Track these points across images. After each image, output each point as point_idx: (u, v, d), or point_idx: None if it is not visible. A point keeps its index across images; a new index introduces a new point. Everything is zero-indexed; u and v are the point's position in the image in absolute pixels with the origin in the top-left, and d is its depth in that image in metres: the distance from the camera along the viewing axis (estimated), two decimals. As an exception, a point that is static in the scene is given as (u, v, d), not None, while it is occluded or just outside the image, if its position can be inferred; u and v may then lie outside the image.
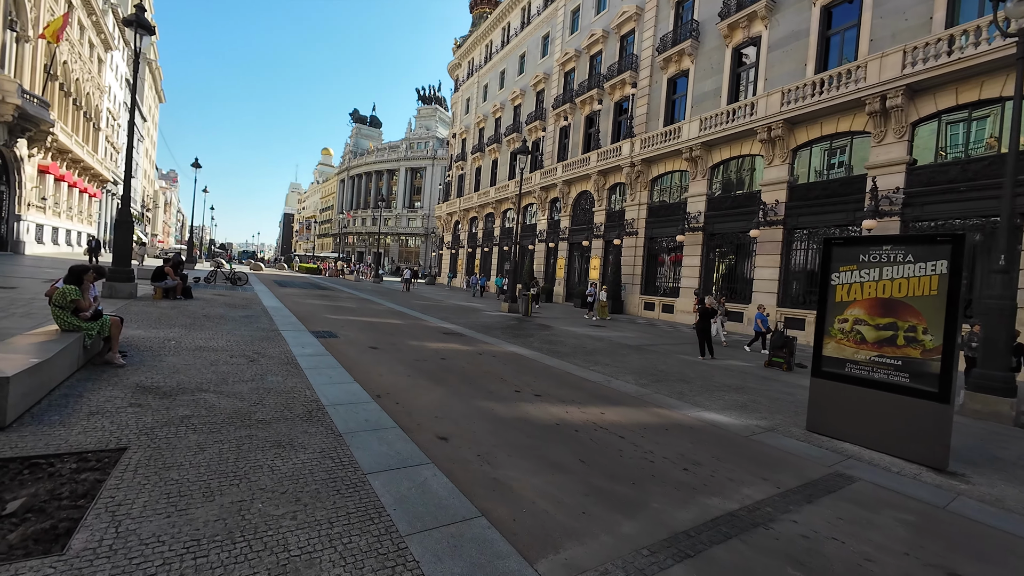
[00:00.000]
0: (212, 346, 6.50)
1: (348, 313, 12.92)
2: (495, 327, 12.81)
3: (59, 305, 4.76)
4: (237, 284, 18.12)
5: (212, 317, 9.14)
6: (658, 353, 10.54)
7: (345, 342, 8.20)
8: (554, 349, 9.76)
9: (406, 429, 4.11)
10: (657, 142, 20.30)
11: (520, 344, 10.06)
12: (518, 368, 7.48)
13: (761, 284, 16.15)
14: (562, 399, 5.78)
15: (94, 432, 3.32)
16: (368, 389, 5.25)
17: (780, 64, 16.31)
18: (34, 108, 21.03)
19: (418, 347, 8.54)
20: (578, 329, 13.99)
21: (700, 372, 8.56)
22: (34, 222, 24.91)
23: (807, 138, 15.20)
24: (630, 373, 7.89)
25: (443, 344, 9.15)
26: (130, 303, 9.83)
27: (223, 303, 11.69)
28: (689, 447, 4.45)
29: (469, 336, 10.63)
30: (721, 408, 6.08)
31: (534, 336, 11.58)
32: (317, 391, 4.90)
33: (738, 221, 17.29)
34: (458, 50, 46.01)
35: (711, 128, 17.75)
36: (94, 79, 34.78)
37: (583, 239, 24.94)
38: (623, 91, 23.37)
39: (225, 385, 4.75)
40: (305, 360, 6.26)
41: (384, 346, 8.23)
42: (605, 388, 6.66)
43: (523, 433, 4.40)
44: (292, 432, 3.70)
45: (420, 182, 74.67)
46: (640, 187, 21.58)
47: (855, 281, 5.04)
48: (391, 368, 6.58)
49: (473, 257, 39.50)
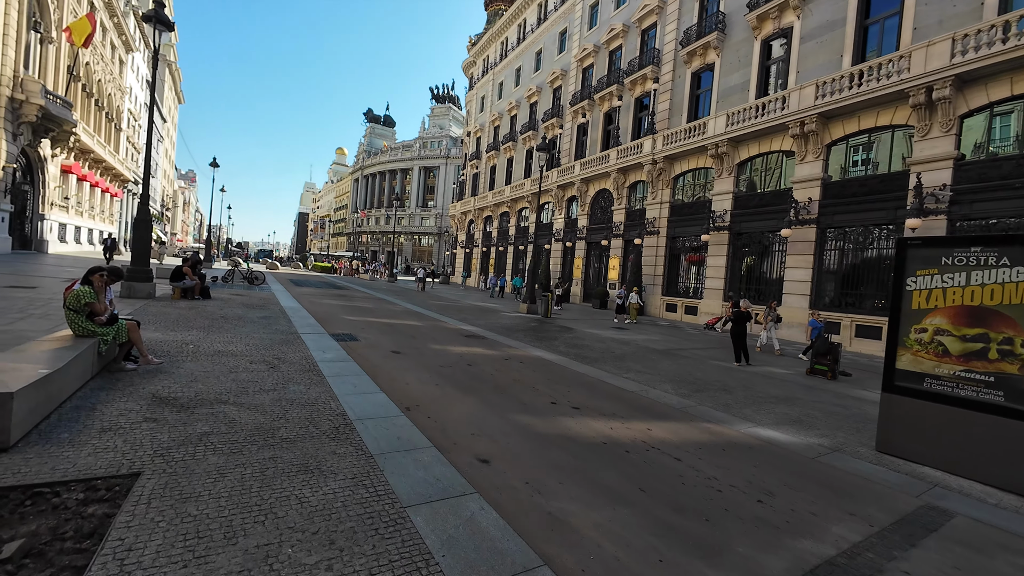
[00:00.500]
0: (231, 350, 6.22)
1: (366, 314, 12.64)
2: (516, 329, 12.41)
3: (73, 308, 4.48)
4: (254, 283, 18.02)
5: (230, 319, 8.90)
6: (690, 359, 10.03)
7: (366, 346, 7.88)
8: (581, 354, 9.33)
9: (442, 449, 3.73)
10: (680, 138, 19.68)
11: (545, 348, 9.65)
12: (548, 376, 7.07)
13: (792, 286, 15.48)
14: (602, 412, 5.35)
15: (105, 453, 3.00)
16: (396, 400, 4.89)
17: (813, 56, 15.59)
18: (57, 108, 21.23)
19: (441, 351, 8.18)
20: (602, 332, 13.52)
21: (740, 380, 8.05)
22: (57, 221, 25.25)
23: (843, 133, 14.48)
24: (667, 381, 7.42)
25: (467, 348, 8.78)
26: (149, 303, 9.66)
27: (241, 303, 11.49)
28: (753, 471, 3.99)
29: (491, 339, 10.25)
30: (774, 423, 5.59)
31: (558, 339, 11.15)
32: (343, 403, 4.55)
33: (767, 220, 16.61)
34: (473, 48, 45.66)
35: (738, 123, 17.10)
36: (115, 80, 35.25)
37: (602, 238, 24.40)
38: (644, 87, 22.76)
39: (245, 396, 4.43)
40: (327, 366, 5.93)
41: (407, 350, 7.89)
42: (644, 399, 6.21)
43: (569, 453, 3.99)
44: (320, 453, 3.35)
45: (433, 181, 74.65)
46: (662, 185, 20.97)
47: (936, 287, 4.52)
48: (417, 375, 6.22)
49: (487, 256, 39.16)
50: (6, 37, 18.52)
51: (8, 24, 18.55)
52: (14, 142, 19.71)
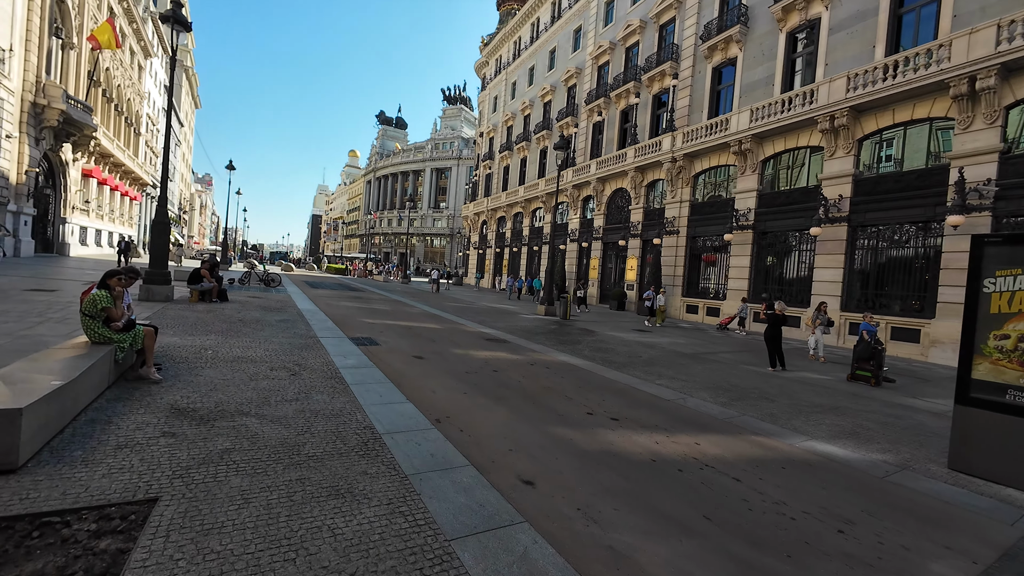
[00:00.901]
0: (251, 356, 5.99)
1: (383, 317, 12.42)
2: (537, 332, 12.08)
3: (88, 314, 4.28)
4: (270, 285, 17.98)
5: (248, 322, 8.73)
6: (720, 363, 9.59)
7: (387, 350, 7.62)
8: (608, 358, 8.96)
9: (481, 468, 3.42)
10: (701, 135, 19.16)
11: (570, 352, 9.30)
12: (578, 382, 6.72)
13: (821, 286, 14.89)
14: (643, 423, 5.00)
15: (120, 475, 2.75)
16: (424, 410, 4.60)
17: (843, 47, 14.99)
18: (78, 113, 21.50)
19: (464, 356, 7.89)
20: (624, 335, 13.11)
21: (779, 387, 7.61)
22: (78, 224, 25.61)
23: (875, 127, 13.87)
24: (703, 388, 7.02)
25: (490, 353, 8.47)
26: (166, 306, 9.55)
27: (258, 306, 11.35)
28: (823, 494, 3.60)
29: (513, 343, 9.93)
30: (828, 436, 5.18)
31: (581, 343, 10.79)
32: (369, 414, 4.28)
33: (794, 218, 16.04)
34: (485, 48, 45.47)
35: (763, 119, 16.54)
36: (134, 85, 35.79)
37: (619, 238, 23.93)
38: (662, 83, 22.26)
39: (267, 406, 4.18)
40: (350, 373, 5.67)
41: (429, 355, 7.61)
42: (683, 408, 5.83)
43: (617, 473, 3.65)
44: (349, 473, 3.06)
45: (445, 182, 74.70)
46: (682, 183, 20.45)
47: (1021, 288, 4.08)
48: (442, 382, 5.93)
49: (501, 257, 38.88)
50: (28, 43, 18.77)
51: (31, 30, 18.80)
52: (36, 147, 19.98)
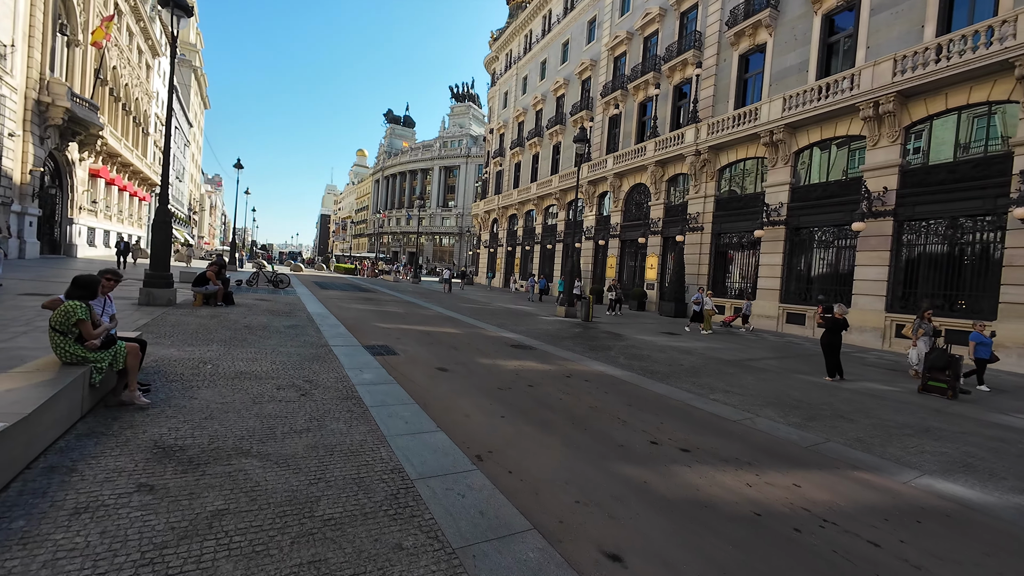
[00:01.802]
0: (255, 371, 5.26)
1: (398, 320, 11.68)
2: (562, 336, 11.26)
3: (59, 329, 3.54)
4: (279, 287, 17.35)
5: (255, 328, 8.02)
6: (769, 371, 8.71)
7: (406, 361, 6.85)
8: (647, 368, 8.12)
9: (549, 534, 2.62)
10: (728, 127, 18.17)
11: (604, 360, 8.47)
12: (626, 399, 5.90)
13: (863, 285, 13.89)
14: (719, 455, 4.17)
15: (69, 562, 1.99)
16: (460, 442, 3.82)
17: (887, 28, 13.95)
18: (83, 111, 21.05)
19: (492, 367, 7.10)
20: (654, 338, 12.25)
21: (849, 402, 6.72)
22: (85, 225, 25.26)
23: (925, 113, 12.84)
24: (765, 404, 6.16)
25: (519, 362, 7.67)
26: (167, 311, 8.87)
27: (266, 310, 10.66)
28: (993, 563, 2.76)
29: (541, 350, 9.12)
30: (941, 470, 4.30)
31: (612, 349, 9.96)
32: (395, 449, 3.50)
33: (831, 212, 15.03)
34: (495, 43, 44.61)
35: (797, 107, 15.53)
36: (142, 84, 35.49)
37: (638, 235, 23.00)
38: (684, 73, 21.27)
39: (272, 440, 3.42)
40: (368, 392, 4.91)
41: (453, 366, 6.83)
42: (756, 433, 4.99)
43: (722, 538, 2.82)
44: (380, 549, 2.28)
45: (454, 181, 74.03)
46: (706, 177, 19.48)
47: None
48: (474, 402, 5.15)
49: (512, 256, 38.08)
50: (31, 39, 18.31)
51: (34, 26, 18.33)
52: (41, 145, 19.55)
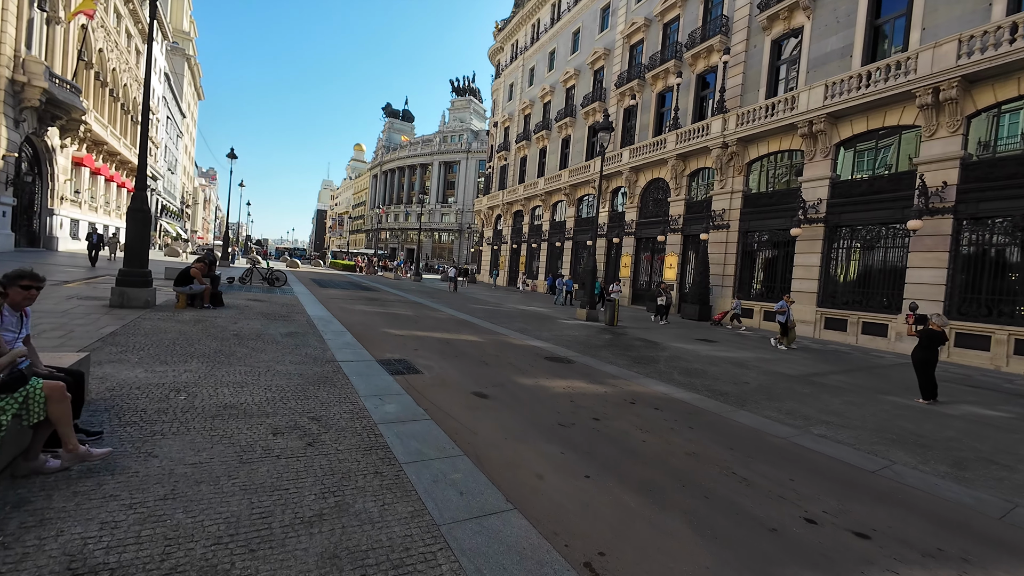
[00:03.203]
0: (244, 404, 3.95)
1: (410, 325, 10.37)
2: (595, 345, 10.00)
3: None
4: (275, 285, 15.98)
5: (246, 337, 6.70)
6: (846, 390, 7.48)
7: (434, 382, 5.56)
8: (712, 387, 6.87)
9: None
10: (758, 117, 16.94)
11: (658, 377, 7.21)
12: (719, 437, 4.64)
13: (916, 289, 12.70)
14: (910, 542, 2.90)
15: None
16: (549, 533, 2.54)
17: (947, 8, 12.72)
18: (64, 93, 19.50)
19: (537, 390, 5.82)
20: (693, 347, 11.02)
21: (975, 435, 5.48)
22: (68, 217, 23.69)
23: (993, 100, 11.64)
24: (883, 442, 4.91)
25: (565, 382, 6.38)
26: (143, 315, 7.52)
27: (260, 313, 9.33)
28: None
29: (580, 363, 7.85)
30: None
31: (658, 361, 8.70)
32: (461, 556, 2.22)
33: (878, 210, 13.84)
34: (499, 33, 43.15)
35: (841, 95, 14.31)
36: (132, 70, 33.80)
37: (657, 233, 21.75)
38: (708, 61, 20.01)
39: (268, 546, 2.12)
40: (398, 437, 3.62)
41: (491, 390, 5.54)
42: (914, 493, 3.73)
43: None
44: None
45: (454, 177, 72.63)
46: (733, 171, 18.25)
47: None
48: (540, 450, 3.86)
49: (517, 254, 36.77)
50: (5, 12, 16.78)
51: (7, -2, 16.80)
52: (16, 129, 18.03)
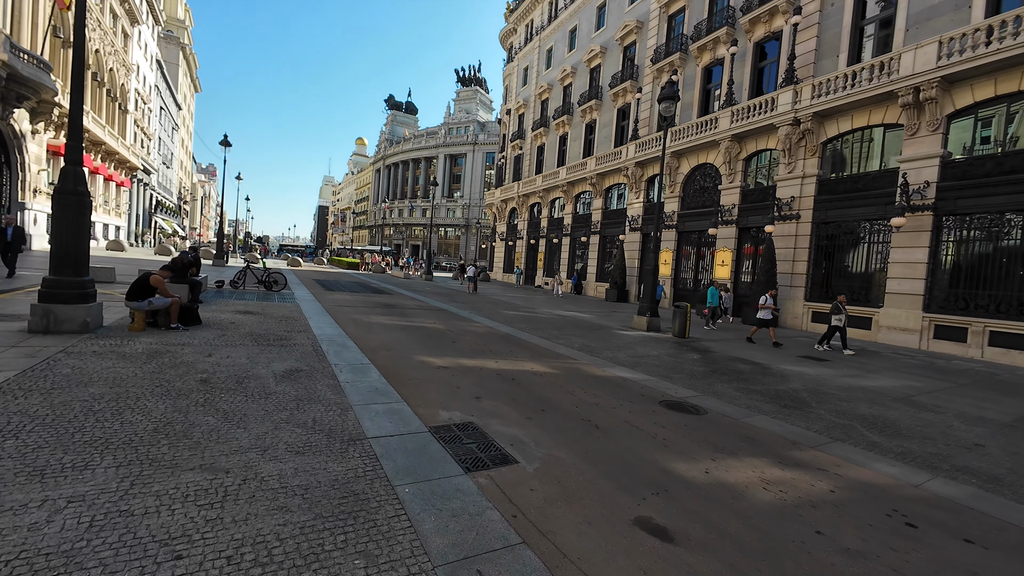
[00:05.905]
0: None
1: (447, 347, 7.89)
2: (695, 373, 7.50)
3: None
4: (272, 288, 13.55)
5: (218, 387, 4.24)
6: None
7: (546, 491, 3.08)
8: (946, 457, 4.38)
9: None
10: (839, 86, 14.33)
11: (845, 438, 4.71)
12: None
13: (1069, 292, 10.17)
14: None
15: None
16: None
17: (1115, -65, 10.10)
18: (29, 69, 17.03)
19: (722, 494, 3.33)
20: (814, 371, 8.51)
21: None
22: (43, 212, 21.26)
23: None
24: None
25: (746, 467, 3.89)
26: (74, 345, 5.06)
27: (249, 333, 6.87)
28: None
29: (717, 414, 5.35)
30: None
31: (807, 403, 6.20)
32: None
33: (1006, 195, 11.28)
34: (512, 14, 40.37)
35: (958, 54, 11.71)
36: (118, 54, 31.25)
37: (706, 225, 19.20)
38: (770, 25, 17.36)
39: None
40: None
41: (658, 504, 3.05)
42: None
43: None
44: None
45: (460, 170, 69.98)
46: (805, 153, 15.65)
47: None
48: None
49: (535, 250, 34.22)
50: (-48, -30, 14.28)
51: (-45, -47, 14.29)
52: (-29, 109, 15.59)
